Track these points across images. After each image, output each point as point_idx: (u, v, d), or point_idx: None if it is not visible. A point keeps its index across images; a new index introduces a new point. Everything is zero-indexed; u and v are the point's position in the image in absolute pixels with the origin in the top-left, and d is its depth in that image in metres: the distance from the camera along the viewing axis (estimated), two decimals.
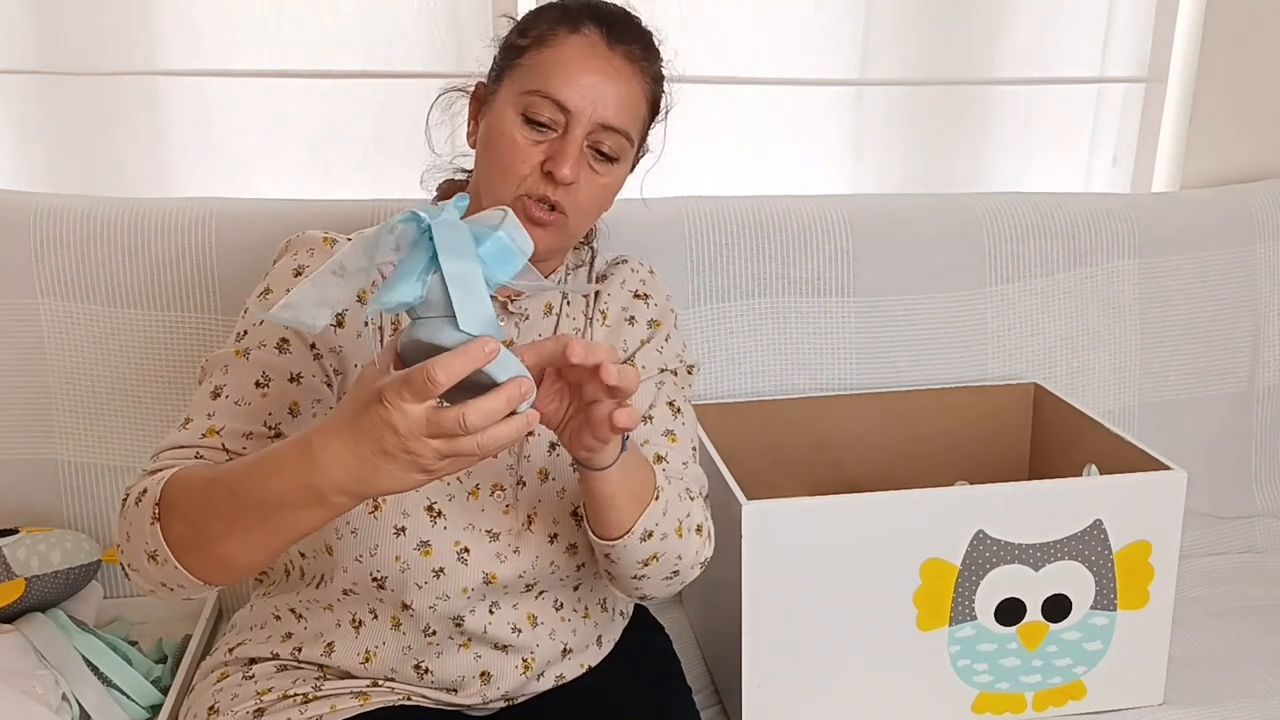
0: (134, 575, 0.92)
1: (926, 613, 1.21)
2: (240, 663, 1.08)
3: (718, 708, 1.31)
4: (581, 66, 1.00)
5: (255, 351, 1.00)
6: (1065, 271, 1.63)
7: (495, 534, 1.04)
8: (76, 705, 1.20)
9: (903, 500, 1.19)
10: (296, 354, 1.01)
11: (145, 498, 0.89)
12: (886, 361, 1.58)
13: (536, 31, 1.03)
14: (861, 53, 1.74)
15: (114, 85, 1.61)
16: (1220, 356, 1.70)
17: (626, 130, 1.02)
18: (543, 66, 1.01)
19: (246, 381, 0.99)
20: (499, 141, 1.01)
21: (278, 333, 1.00)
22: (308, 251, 1.04)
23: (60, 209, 1.43)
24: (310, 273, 0.96)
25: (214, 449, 0.96)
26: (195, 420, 0.98)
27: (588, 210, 1.04)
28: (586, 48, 1.01)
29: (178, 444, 0.97)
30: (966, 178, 1.83)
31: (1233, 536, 1.68)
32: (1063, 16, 1.77)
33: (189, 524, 0.86)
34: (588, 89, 1.00)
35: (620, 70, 1.02)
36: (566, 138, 1.00)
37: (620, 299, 1.14)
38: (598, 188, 1.03)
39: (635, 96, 1.03)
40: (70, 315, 1.42)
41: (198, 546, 0.86)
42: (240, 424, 0.97)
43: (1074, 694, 1.27)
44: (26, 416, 1.43)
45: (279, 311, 0.77)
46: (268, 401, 0.98)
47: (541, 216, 1.01)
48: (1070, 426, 1.48)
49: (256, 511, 0.82)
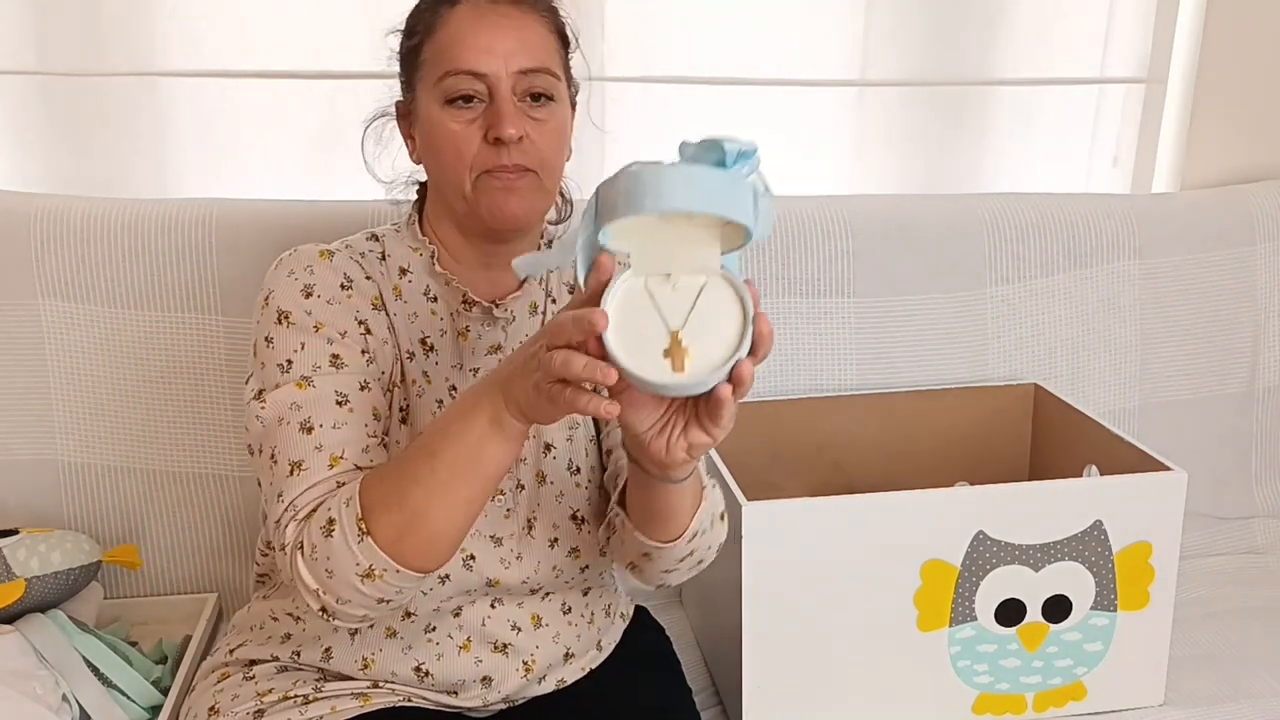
0: (343, 609, 0.89)
1: (927, 613, 1.21)
2: (241, 664, 1.08)
3: (718, 708, 1.31)
4: (476, 28, 0.99)
5: (317, 377, 0.96)
6: (1065, 272, 1.63)
7: (498, 539, 1.04)
8: (76, 706, 1.20)
9: (903, 501, 1.19)
10: (352, 365, 0.98)
11: (338, 525, 0.87)
12: (886, 362, 1.58)
13: (421, 24, 1.02)
14: (861, 53, 1.74)
15: (114, 85, 1.61)
16: (1220, 357, 1.70)
17: (546, 66, 1.00)
18: (442, 48, 1.00)
19: (328, 404, 0.95)
20: (437, 137, 1.00)
21: (324, 352, 0.97)
22: (306, 269, 1.00)
23: (60, 209, 1.43)
24: (319, 290, 0.99)
25: (348, 472, 0.93)
26: (308, 461, 0.92)
27: (550, 160, 1.01)
28: (472, 11, 1.00)
29: (310, 484, 0.92)
30: (966, 178, 1.83)
31: (1233, 537, 1.68)
32: (1063, 17, 1.77)
33: (395, 510, 0.86)
34: (492, 45, 0.98)
35: (512, 16, 1.00)
36: (495, 100, 0.98)
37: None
38: (548, 133, 1.00)
39: (539, 33, 1.02)
40: (70, 315, 1.42)
41: (410, 530, 0.86)
42: (353, 443, 0.94)
43: (1074, 695, 1.27)
44: (26, 417, 1.43)
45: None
46: (358, 415, 0.96)
47: (512, 181, 0.98)
48: (1070, 427, 1.48)
49: (455, 464, 0.86)
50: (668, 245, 0.77)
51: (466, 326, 1.06)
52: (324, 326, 0.98)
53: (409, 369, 1.04)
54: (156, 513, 1.47)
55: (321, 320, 0.98)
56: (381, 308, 1.03)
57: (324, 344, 0.97)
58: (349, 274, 1.02)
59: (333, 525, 0.87)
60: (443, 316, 1.06)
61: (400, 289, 1.05)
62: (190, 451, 1.45)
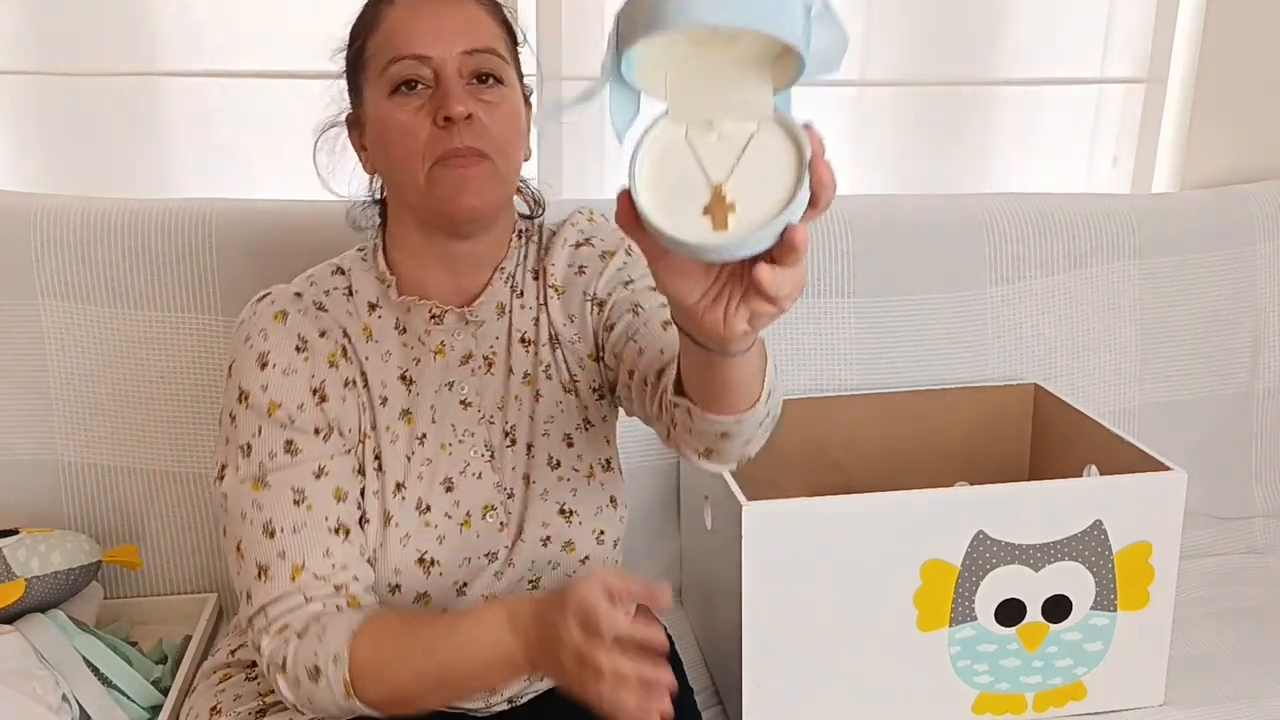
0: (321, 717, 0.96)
1: (927, 613, 1.21)
2: (243, 665, 1.09)
3: (718, 708, 1.31)
4: (417, 14, 0.98)
5: (273, 474, 0.97)
6: (1065, 272, 1.63)
7: (494, 554, 1.04)
8: (76, 706, 1.20)
9: (903, 500, 1.19)
10: (307, 450, 0.98)
11: (323, 676, 0.91)
12: (887, 362, 1.58)
13: (362, 24, 1.02)
14: (862, 53, 1.74)
15: (114, 85, 1.61)
16: (1220, 357, 1.70)
17: (491, 46, 0.99)
18: (384, 39, 0.98)
19: (285, 504, 0.96)
20: (387, 130, 0.98)
21: (279, 438, 0.97)
22: (261, 334, 0.99)
23: (60, 209, 1.43)
24: (274, 358, 0.98)
25: (312, 584, 0.95)
26: (273, 568, 0.95)
27: (504, 145, 0.98)
28: (411, 2, 0.99)
29: (276, 595, 0.94)
30: (966, 178, 1.83)
31: (1233, 537, 1.68)
32: (1063, 17, 1.77)
33: (386, 687, 0.91)
34: (434, 28, 0.97)
35: (452, 2, 0.99)
36: (441, 82, 0.96)
37: (564, 259, 1.10)
38: (500, 117, 0.98)
39: (481, 17, 1.00)
40: (70, 315, 1.42)
41: (399, 704, 0.93)
42: (313, 550, 0.95)
43: (1074, 695, 1.27)
44: (26, 417, 1.43)
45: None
46: (317, 512, 0.96)
47: (466, 167, 0.95)
48: (1070, 427, 1.48)
49: (458, 677, 0.92)
50: (708, 85, 0.66)
51: (441, 342, 1.05)
52: (277, 409, 0.97)
53: (382, 416, 1.02)
54: (156, 513, 1.47)
55: (275, 399, 0.97)
56: (344, 359, 1.01)
57: (279, 430, 0.97)
58: (304, 335, 1.00)
59: (318, 674, 0.91)
60: (412, 345, 1.05)
61: (371, 329, 1.04)
62: (190, 451, 1.45)
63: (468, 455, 1.04)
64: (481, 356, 1.06)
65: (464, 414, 1.05)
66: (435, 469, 1.03)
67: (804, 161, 0.63)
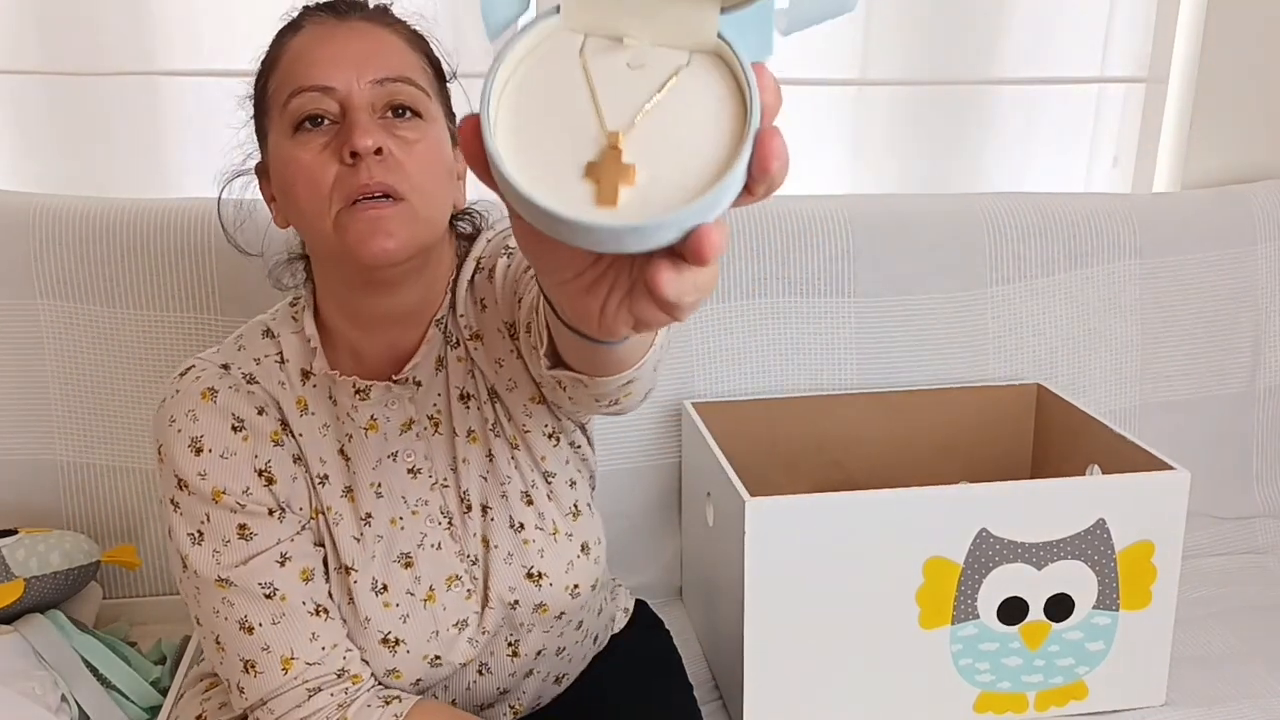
0: None
1: (928, 611, 1.21)
2: None
3: (718, 704, 1.31)
4: (322, 43, 0.88)
5: (234, 570, 0.91)
6: (1066, 272, 1.63)
7: (464, 622, 0.99)
8: (75, 706, 1.19)
9: (906, 497, 1.19)
10: (262, 533, 0.92)
11: None
12: (887, 362, 1.58)
13: (268, 59, 0.93)
14: (861, 53, 1.74)
15: (114, 85, 1.60)
16: (1221, 356, 1.70)
17: (406, 75, 0.88)
18: (286, 72, 0.89)
19: (256, 601, 0.92)
20: (289, 174, 0.87)
21: (231, 523, 0.92)
22: (189, 416, 0.92)
23: (60, 209, 1.43)
24: (208, 443, 0.91)
25: (309, 669, 0.92)
26: (260, 663, 0.91)
27: (422, 184, 0.86)
28: (317, 31, 0.90)
29: (273, 688, 0.91)
30: (966, 178, 1.83)
31: (1234, 537, 1.68)
32: (1063, 16, 1.77)
33: None
34: (338, 54, 0.87)
35: (363, 29, 0.89)
36: (348, 114, 0.86)
37: (469, 300, 0.98)
38: (417, 154, 0.86)
39: (395, 44, 0.90)
40: (70, 315, 1.42)
41: None
42: (299, 638, 0.92)
43: (1076, 694, 1.27)
44: (26, 416, 1.43)
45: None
46: (292, 600, 0.92)
47: (378, 211, 0.83)
48: (1072, 427, 1.48)
49: None
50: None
51: (371, 417, 0.96)
52: (222, 495, 0.91)
53: (323, 494, 0.96)
54: (156, 513, 1.46)
55: (219, 485, 0.91)
56: (284, 438, 0.95)
57: (228, 514, 0.92)
58: (238, 414, 0.93)
59: None
60: (343, 420, 0.96)
61: (305, 400, 0.96)
62: None
63: (423, 526, 0.98)
64: (426, 418, 0.98)
65: (414, 483, 0.97)
66: (389, 545, 0.97)
67: (749, 119, 0.42)
